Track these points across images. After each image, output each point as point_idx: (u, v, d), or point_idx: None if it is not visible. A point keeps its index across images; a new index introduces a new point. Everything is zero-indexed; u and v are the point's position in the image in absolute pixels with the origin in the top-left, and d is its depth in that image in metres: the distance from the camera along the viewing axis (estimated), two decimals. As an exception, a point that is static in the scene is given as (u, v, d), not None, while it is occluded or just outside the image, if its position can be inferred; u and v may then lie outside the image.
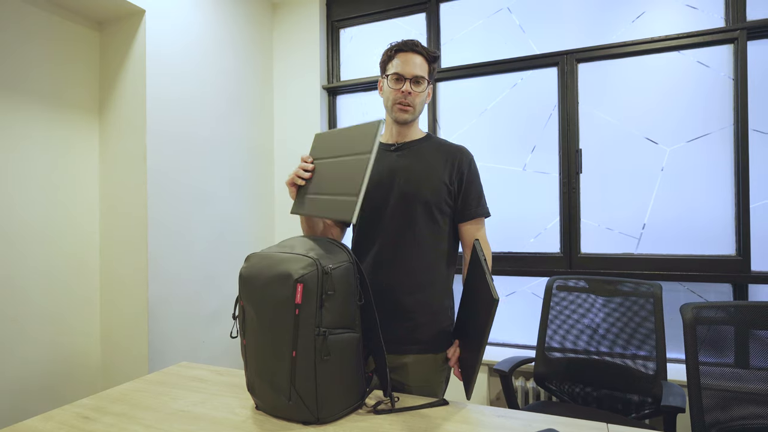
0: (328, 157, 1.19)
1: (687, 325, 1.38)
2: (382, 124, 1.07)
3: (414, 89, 1.31)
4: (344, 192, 1.07)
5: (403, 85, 1.30)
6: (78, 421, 1.04)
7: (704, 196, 2.10)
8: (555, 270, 2.29)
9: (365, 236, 1.36)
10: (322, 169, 1.20)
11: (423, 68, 1.32)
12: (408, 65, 1.30)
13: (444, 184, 1.32)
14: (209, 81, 2.41)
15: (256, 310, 1.02)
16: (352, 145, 1.12)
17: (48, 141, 1.94)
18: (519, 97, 2.46)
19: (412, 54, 1.31)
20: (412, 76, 1.30)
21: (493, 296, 0.92)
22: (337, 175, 1.13)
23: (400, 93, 1.31)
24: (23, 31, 1.85)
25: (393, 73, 1.31)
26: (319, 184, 1.18)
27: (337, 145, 1.18)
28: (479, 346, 1.01)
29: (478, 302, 1.08)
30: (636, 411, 1.78)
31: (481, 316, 1.01)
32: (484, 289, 1.00)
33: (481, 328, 1.00)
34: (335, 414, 1.03)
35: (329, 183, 1.15)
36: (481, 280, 1.03)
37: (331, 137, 1.23)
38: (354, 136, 1.13)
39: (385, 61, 1.36)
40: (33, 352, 1.87)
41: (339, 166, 1.14)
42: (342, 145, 1.16)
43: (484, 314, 0.98)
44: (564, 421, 1.01)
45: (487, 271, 1.02)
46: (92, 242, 2.12)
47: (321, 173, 1.19)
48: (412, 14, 2.72)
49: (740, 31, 2.01)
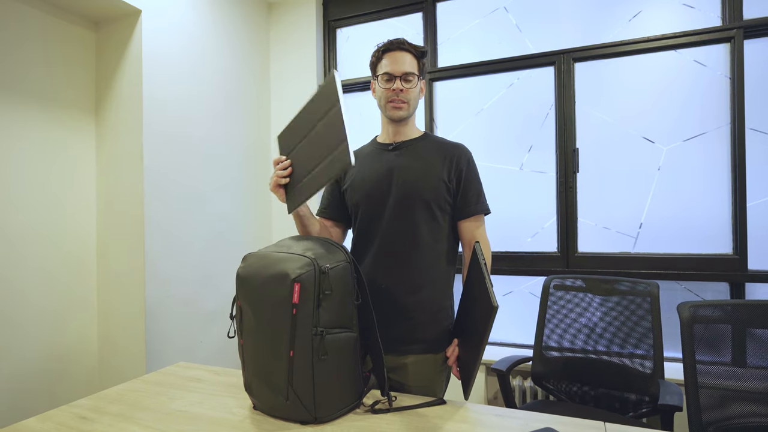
0: (299, 143, 1.18)
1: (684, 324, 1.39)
2: (336, 74, 1.06)
3: (405, 86, 1.31)
4: (331, 148, 1.05)
5: (394, 83, 1.31)
6: (76, 421, 1.04)
7: (701, 195, 2.10)
8: (552, 269, 2.30)
9: (365, 236, 1.36)
10: (298, 155, 1.19)
11: (412, 65, 1.33)
12: (397, 63, 1.31)
13: (443, 182, 1.32)
14: (206, 81, 2.40)
15: (253, 310, 1.02)
16: (316, 113, 1.11)
17: (44, 141, 1.93)
18: (516, 96, 2.46)
19: (400, 52, 1.32)
20: (402, 74, 1.31)
21: (492, 303, 0.92)
22: (316, 146, 1.12)
23: (391, 91, 1.31)
24: (19, 32, 1.85)
25: (383, 73, 1.32)
26: (303, 167, 1.17)
27: (301, 126, 1.17)
28: (478, 349, 1.01)
29: (477, 306, 1.08)
30: (633, 410, 1.78)
31: (480, 321, 1.01)
32: (483, 295, 0.99)
33: (480, 333, 1.00)
34: (333, 413, 1.02)
35: (312, 158, 1.13)
36: (481, 285, 1.03)
37: (293, 125, 1.22)
38: (314, 107, 1.13)
39: (374, 62, 1.37)
40: (30, 352, 1.86)
41: (314, 138, 1.13)
42: (307, 122, 1.15)
43: (483, 320, 0.98)
44: (561, 420, 1.01)
45: (486, 276, 1.01)
46: (89, 242, 2.11)
47: (299, 159, 1.18)
48: (408, 14, 2.72)
49: (737, 29, 2.02)
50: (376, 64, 1.37)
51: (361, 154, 1.43)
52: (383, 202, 1.32)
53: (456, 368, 1.25)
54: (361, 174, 1.38)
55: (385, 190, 1.33)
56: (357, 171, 1.39)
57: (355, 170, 1.40)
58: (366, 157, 1.41)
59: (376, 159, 1.38)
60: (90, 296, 2.11)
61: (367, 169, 1.38)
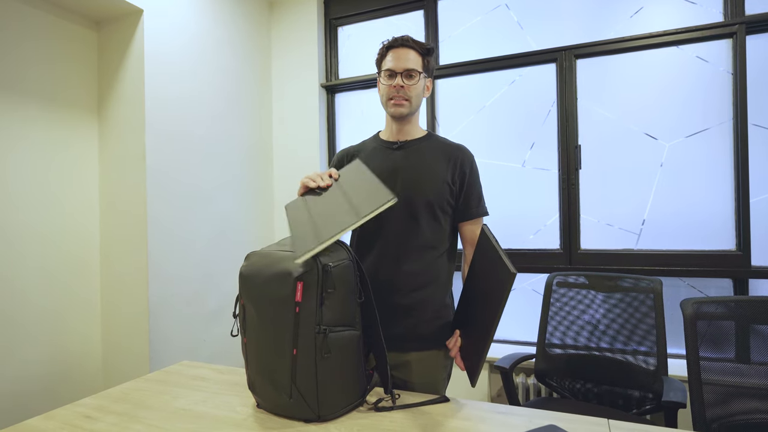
0: (342, 188, 1.17)
1: (687, 321, 1.39)
2: (391, 202, 1.05)
3: (407, 83, 1.31)
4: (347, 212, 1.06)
5: (396, 79, 1.30)
6: (80, 420, 1.04)
7: (704, 191, 2.10)
8: (555, 266, 2.29)
9: (367, 236, 1.36)
10: (332, 192, 1.18)
11: (416, 62, 1.32)
12: (399, 60, 1.31)
13: (446, 184, 1.32)
14: (207, 80, 2.40)
15: (256, 308, 1.02)
16: (360, 195, 1.11)
17: (47, 141, 1.94)
18: (517, 93, 2.46)
19: (403, 49, 1.32)
20: (404, 70, 1.30)
21: (510, 270, 0.92)
22: (335, 205, 1.12)
23: (392, 88, 1.31)
24: (20, 32, 1.85)
25: (385, 70, 1.32)
26: (324, 204, 1.15)
27: (353, 184, 1.16)
28: (489, 328, 1.00)
29: (489, 282, 1.06)
30: (637, 407, 1.78)
31: (494, 294, 1.00)
32: (497, 267, 0.99)
33: (494, 308, 0.98)
34: (336, 411, 1.03)
35: (331, 207, 1.12)
36: (493, 259, 1.03)
37: (357, 172, 1.21)
38: (369, 190, 1.11)
39: (379, 59, 1.37)
40: (33, 353, 1.87)
41: (340, 199, 1.13)
42: (355, 188, 1.14)
43: (497, 291, 0.98)
44: (565, 417, 1.01)
45: (500, 249, 1.02)
46: (92, 242, 2.12)
47: (329, 196, 1.17)
48: (410, 11, 2.71)
49: (739, 25, 2.01)
50: (380, 61, 1.37)
51: (365, 149, 1.43)
52: None
53: (459, 358, 1.23)
54: None
55: (389, 189, 1.32)
56: None
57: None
58: (370, 153, 1.40)
59: (380, 157, 1.37)
60: (93, 296, 2.12)
61: (371, 167, 1.37)
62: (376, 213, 1.03)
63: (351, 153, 1.45)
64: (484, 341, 1.03)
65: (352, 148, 1.47)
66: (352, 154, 1.44)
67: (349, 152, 1.46)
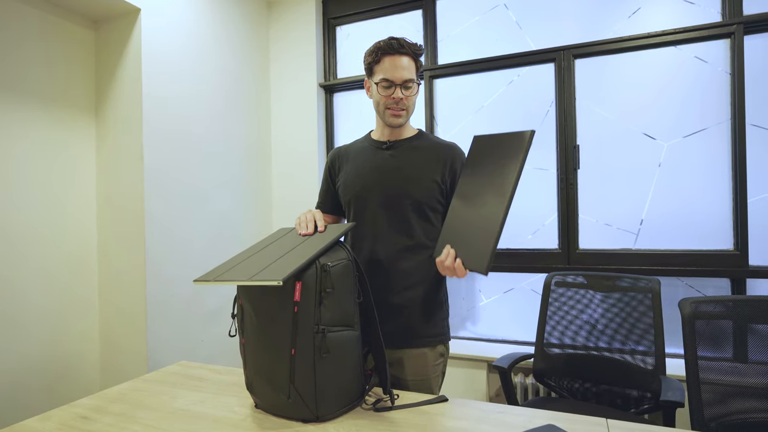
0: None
1: (685, 320, 1.39)
2: (274, 282, 0.91)
3: (405, 93, 1.29)
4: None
5: (394, 91, 1.28)
6: (77, 421, 1.04)
7: (702, 191, 2.10)
8: (553, 266, 2.29)
9: (358, 236, 1.36)
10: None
11: (411, 70, 1.29)
12: (397, 70, 1.27)
13: (436, 183, 1.32)
14: (205, 79, 2.40)
15: (254, 308, 1.02)
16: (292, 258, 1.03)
17: (45, 140, 1.93)
18: (516, 93, 2.46)
19: (399, 57, 1.28)
20: (402, 81, 1.28)
21: (523, 131, 0.94)
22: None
23: (391, 99, 1.29)
24: (18, 31, 1.84)
25: (382, 79, 1.29)
26: (286, 248, 1.10)
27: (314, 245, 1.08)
28: (503, 202, 0.97)
29: (497, 156, 1.04)
30: (635, 406, 1.78)
31: (507, 164, 0.98)
32: (504, 144, 1.00)
33: (510, 170, 0.97)
34: (335, 412, 1.02)
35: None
36: (497, 143, 1.04)
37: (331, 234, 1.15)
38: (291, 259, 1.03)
39: (371, 63, 1.32)
40: (31, 352, 1.86)
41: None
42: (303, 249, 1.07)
43: (513, 156, 0.97)
44: (563, 416, 1.01)
45: (501, 133, 1.03)
46: (90, 241, 2.11)
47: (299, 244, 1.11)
48: (408, 11, 2.71)
49: (737, 25, 2.01)
50: (373, 65, 1.32)
51: (354, 149, 1.43)
52: (374, 201, 1.32)
53: (460, 263, 1.08)
54: (354, 171, 1.38)
55: (376, 189, 1.32)
56: (350, 168, 1.39)
57: (349, 167, 1.40)
58: (360, 153, 1.40)
59: (369, 157, 1.37)
60: (91, 295, 2.11)
61: (359, 167, 1.37)
62: (264, 283, 0.93)
63: (342, 152, 1.45)
64: (496, 219, 0.98)
65: (343, 148, 1.47)
66: (343, 153, 1.45)
67: (341, 151, 1.46)
